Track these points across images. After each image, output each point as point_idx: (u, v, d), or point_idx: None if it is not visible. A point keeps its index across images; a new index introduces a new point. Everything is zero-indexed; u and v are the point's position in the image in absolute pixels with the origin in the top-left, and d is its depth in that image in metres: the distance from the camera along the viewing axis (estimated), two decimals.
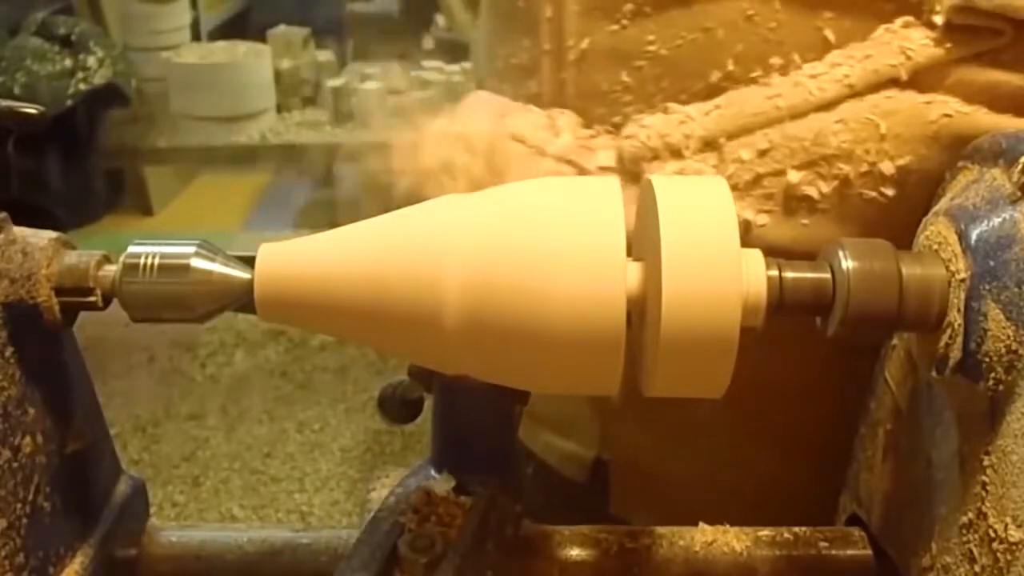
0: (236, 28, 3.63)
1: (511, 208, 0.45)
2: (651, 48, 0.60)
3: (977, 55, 0.53)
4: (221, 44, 2.99)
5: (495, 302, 0.43)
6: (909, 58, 0.53)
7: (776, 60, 0.58)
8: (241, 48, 2.93)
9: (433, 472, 0.56)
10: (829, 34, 0.57)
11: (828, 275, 0.45)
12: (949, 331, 0.44)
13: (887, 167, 0.54)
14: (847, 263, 0.44)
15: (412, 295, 0.43)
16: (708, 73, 0.59)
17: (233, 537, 0.60)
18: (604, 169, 0.59)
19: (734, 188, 0.55)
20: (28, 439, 0.48)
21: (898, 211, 0.54)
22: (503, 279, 0.43)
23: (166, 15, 3.11)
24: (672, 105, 0.59)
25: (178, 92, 2.84)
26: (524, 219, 0.44)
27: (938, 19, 0.53)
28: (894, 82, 0.54)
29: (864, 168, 0.54)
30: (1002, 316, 0.41)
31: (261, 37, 3.13)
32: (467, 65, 3.07)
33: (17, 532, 0.47)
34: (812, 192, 0.55)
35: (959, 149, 0.52)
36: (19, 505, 0.47)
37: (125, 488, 0.59)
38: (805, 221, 0.55)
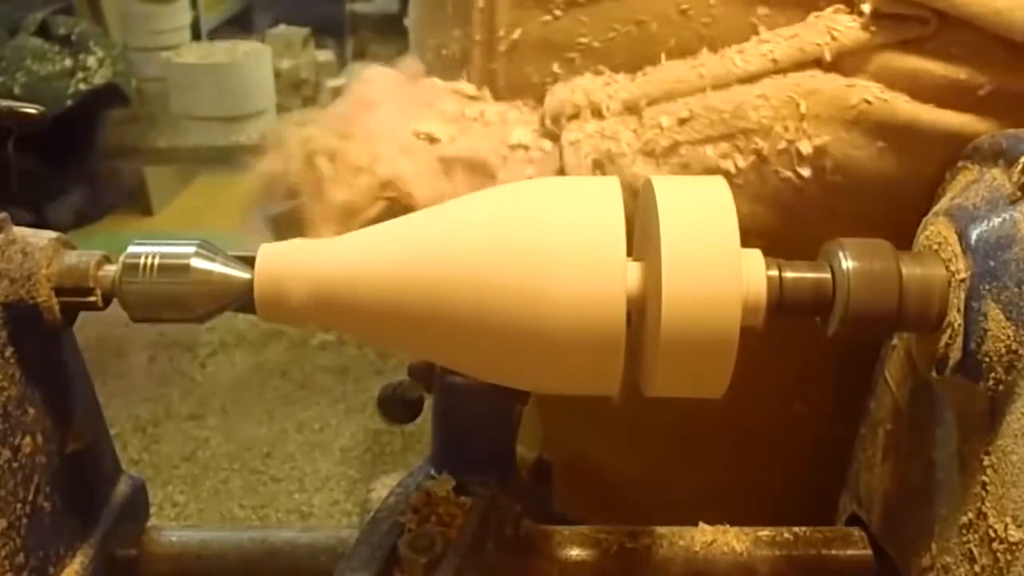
0: (236, 28, 3.63)
1: (511, 208, 0.45)
2: (583, 40, 0.59)
3: (902, 43, 0.52)
4: (221, 44, 2.98)
5: (495, 302, 0.43)
6: (835, 39, 0.53)
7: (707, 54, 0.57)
8: (241, 48, 2.93)
9: (433, 472, 0.56)
10: (763, 30, 0.56)
11: (828, 275, 0.45)
12: (949, 331, 0.44)
13: (804, 146, 0.53)
14: (847, 263, 0.44)
15: (415, 294, 0.43)
16: (640, 66, 0.58)
17: (233, 537, 0.60)
18: (517, 147, 0.58)
19: (650, 154, 0.55)
20: (28, 439, 0.48)
21: (812, 195, 0.54)
22: (503, 279, 0.43)
23: (166, 15, 3.11)
24: (603, 67, 0.59)
25: (178, 92, 2.84)
26: (524, 219, 0.44)
27: (866, 7, 0.53)
28: (818, 63, 0.54)
29: (782, 145, 0.54)
30: (1002, 316, 0.41)
31: (261, 37, 3.13)
32: None
33: (17, 532, 0.47)
34: (728, 166, 0.54)
35: (876, 135, 0.52)
36: (19, 505, 0.47)
37: (125, 488, 0.59)
38: None
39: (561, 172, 0.56)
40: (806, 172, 0.54)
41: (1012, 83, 0.51)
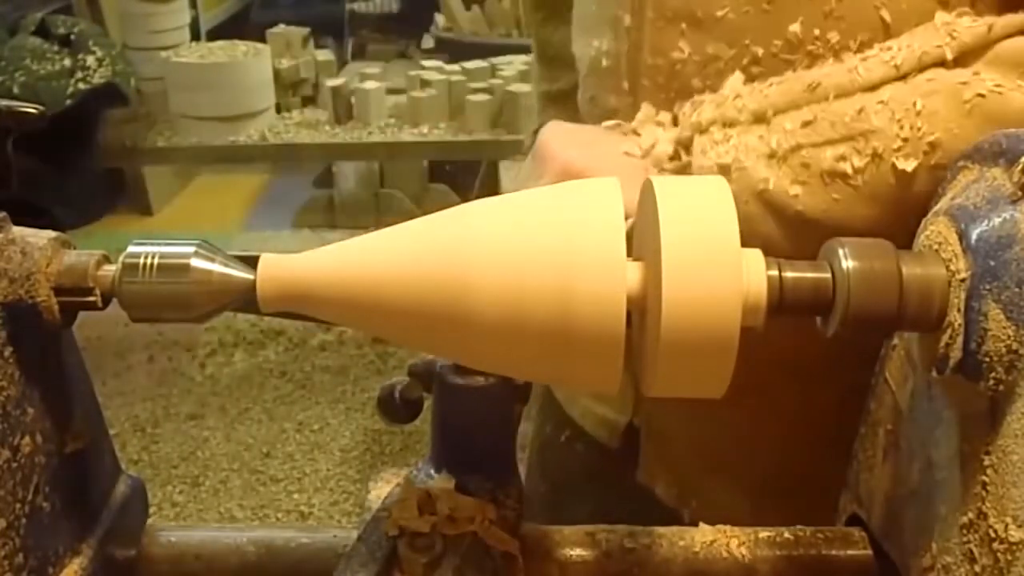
0: (235, 28, 3.63)
1: (512, 211, 0.45)
2: (720, 13, 0.62)
3: (1020, 32, 0.54)
4: (220, 44, 2.99)
5: (497, 300, 0.43)
6: (954, 38, 0.55)
7: (834, 36, 0.60)
8: (240, 48, 2.93)
9: (433, 472, 0.56)
10: (886, 14, 0.59)
11: (828, 275, 0.45)
12: (949, 331, 0.44)
13: (919, 143, 0.55)
14: (847, 263, 0.44)
15: (419, 294, 0.44)
16: (769, 43, 0.61)
17: (233, 537, 0.60)
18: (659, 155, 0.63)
19: (773, 156, 0.58)
20: (27, 439, 0.48)
21: (924, 191, 0.55)
22: (504, 279, 0.43)
23: (165, 15, 3.11)
24: (728, 84, 0.62)
25: (177, 92, 2.84)
26: (525, 220, 0.44)
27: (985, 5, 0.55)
28: (940, 64, 0.56)
29: (897, 144, 0.56)
30: (1002, 316, 0.41)
31: (260, 37, 3.13)
32: (467, 65, 3.08)
33: (16, 532, 0.47)
34: (847, 167, 0.56)
35: (989, 127, 0.53)
36: (18, 505, 0.47)
37: (124, 488, 0.59)
38: (837, 196, 0.57)
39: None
40: (918, 166, 0.55)
41: None
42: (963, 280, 0.43)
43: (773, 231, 0.59)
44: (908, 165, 0.55)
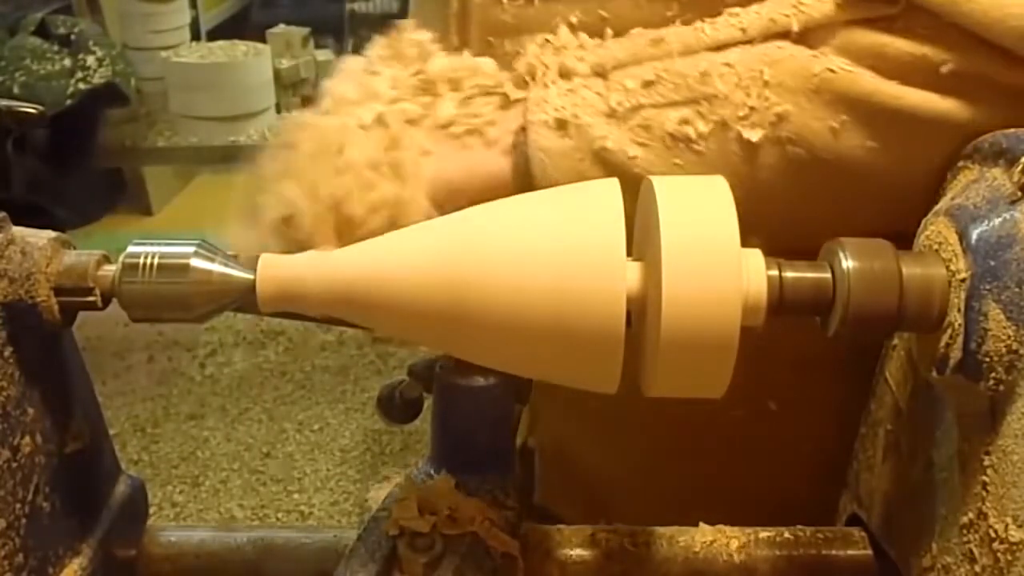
0: (235, 28, 3.63)
1: (513, 211, 0.45)
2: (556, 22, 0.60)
3: (869, 20, 0.53)
4: (220, 43, 2.98)
5: (498, 299, 0.43)
6: (801, 11, 0.54)
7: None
8: (240, 47, 2.92)
9: (433, 472, 0.56)
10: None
11: (828, 275, 0.45)
12: (949, 331, 0.44)
13: (765, 113, 0.54)
14: (847, 263, 0.44)
15: (420, 293, 0.44)
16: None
17: (233, 537, 0.60)
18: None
19: (612, 116, 0.55)
20: (27, 439, 0.48)
21: (772, 167, 0.54)
22: (505, 278, 0.43)
23: (165, 14, 3.11)
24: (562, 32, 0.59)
25: (177, 92, 2.83)
26: (525, 220, 0.44)
27: None
28: (786, 35, 0.54)
29: (743, 112, 0.54)
30: (1003, 316, 0.41)
31: (260, 36, 3.13)
32: None
33: (16, 532, 0.47)
34: (689, 131, 0.54)
35: (838, 107, 0.52)
36: (18, 505, 0.47)
37: (124, 488, 0.59)
38: (679, 161, 0.54)
39: (523, 130, 0.56)
40: (764, 138, 0.54)
41: (973, 63, 0.51)
42: (963, 280, 0.43)
43: None
44: (754, 135, 0.53)
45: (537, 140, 0.55)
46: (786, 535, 0.58)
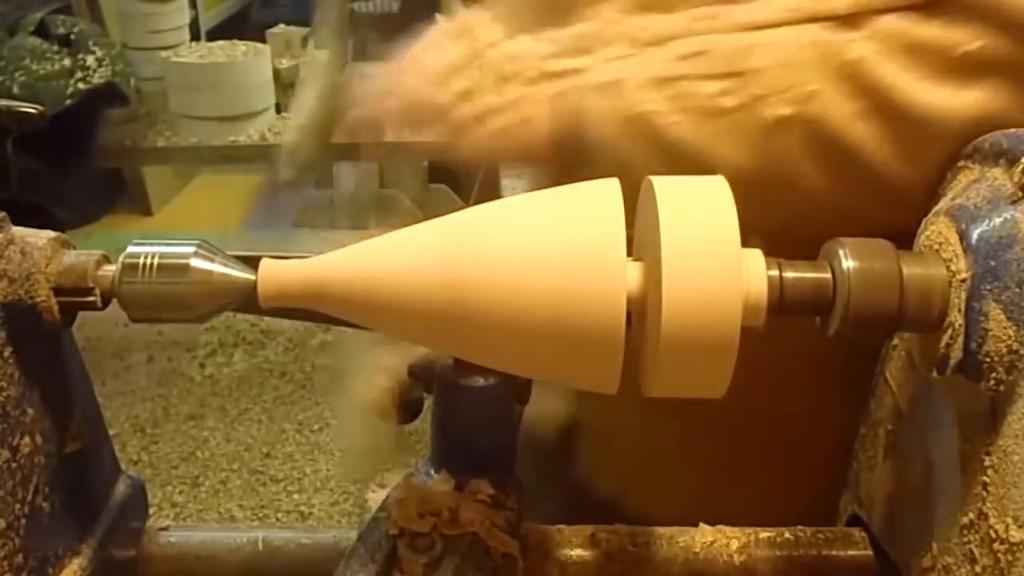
0: (235, 28, 3.63)
1: (513, 211, 0.45)
2: None
3: (908, 7, 0.54)
4: (220, 43, 2.98)
5: (497, 300, 0.43)
6: None
7: None
8: (240, 48, 2.92)
9: (433, 472, 0.56)
10: None
11: (828, 275, 0.45)
12: (950, 331, 0.44)
13: (798, 92, 0.55)
14: (847, 263, 0.44)
15: (420, 293, 0.44)
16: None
17: (233, 537, 0.60)
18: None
19: (655, 82, 0.58)
20: (27, 439, 0.48)
21: (794, 148, 0.55)
22: (506, 278, 0.43)
23: (165, 14, 3.11)
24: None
25: (177, 92, 2.83)
26: (525, 220, 0.44)
27: None
28: (831, 17, 0.56)
29: (780, 87, 0.55)
30: (1003, 316, 0.41)
31: (260, 36, 3.13)
32: None
33: (16, 532, 0.47)
34: (724, 102, 0.56)
35: (859, 95, 0.54)
36: (18, 505, 0.47)
37: (124, 488, 0.59)
38: (712, 130, 0.57)
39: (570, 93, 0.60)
40: (794, 115, 0.55)
41: (1010, 51, 0.52)
42: (964, 280, 0.43)
43: (639, 157, 0.58)
44: (786, 111, 0.55)
45: (582, 101, 0.59)
46: (786, 535, 0.58)
